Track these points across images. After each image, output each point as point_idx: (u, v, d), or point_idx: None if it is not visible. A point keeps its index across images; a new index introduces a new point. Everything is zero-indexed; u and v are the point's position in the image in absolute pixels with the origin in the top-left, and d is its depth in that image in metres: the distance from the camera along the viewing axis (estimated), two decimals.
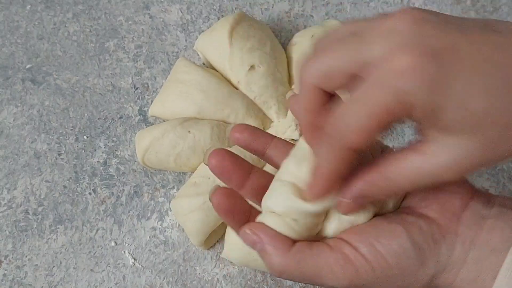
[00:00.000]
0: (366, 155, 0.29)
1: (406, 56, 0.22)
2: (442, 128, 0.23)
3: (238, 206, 0.30)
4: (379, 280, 0.27)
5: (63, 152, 0.52)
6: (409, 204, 0.30)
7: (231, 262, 0.46)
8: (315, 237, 0.29)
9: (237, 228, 0.30)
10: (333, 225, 0.29)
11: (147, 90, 0.54)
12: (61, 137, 0.52)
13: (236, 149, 0.34)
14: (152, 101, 0.53)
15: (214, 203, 0.30)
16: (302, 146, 0.29)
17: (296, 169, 0.29)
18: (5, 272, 0.47)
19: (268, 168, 0.35)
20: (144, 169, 0.51)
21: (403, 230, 0.28)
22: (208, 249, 0.48)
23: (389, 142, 0.52)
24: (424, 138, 0.25)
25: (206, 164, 0.31)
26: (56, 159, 0.51)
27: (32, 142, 0.52)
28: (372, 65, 0.23)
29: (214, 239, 0.48)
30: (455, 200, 0.29)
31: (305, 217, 0.28)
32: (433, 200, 0.30)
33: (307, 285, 0.47)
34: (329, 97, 0.26)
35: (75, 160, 0.51)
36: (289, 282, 0.47)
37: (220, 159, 0.30)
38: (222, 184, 0.45)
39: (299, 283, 0.47)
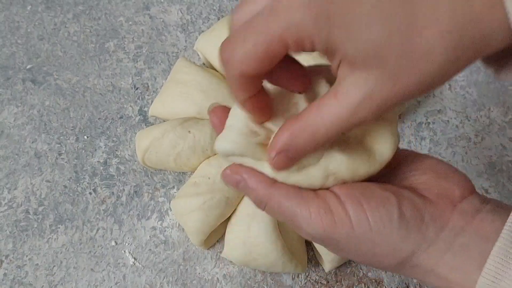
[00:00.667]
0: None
1: None
2: (348, 64, 0.23)
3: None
4: (356, 241, 0.27)
5: (63, 152, 0.52)
6: (410, 184, 0.31)
7: (231, 261, 0.47)
8: None
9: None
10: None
11: (147, 90, 0.55)
12: (61, 137, 0.52)
13: None
14: (152, 101, 0.53)
15: (212, 121, 0.30)
16: None
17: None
18: (6, 271, 0.47)
19: None
20: (144, 169, 0.51)
21: (395, 200, 0.28)
22: (208, 249, 0.48)
23: None
24: (337, 79, 0.25)
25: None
26: (57, 159, 0.51)
27: (32, 142, 0.52)
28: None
29: (214, 238, 0.48)
30: (455, 190, 0.30)
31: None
32: (435, 185, 0.30)
33: (308, 286, 0.47)
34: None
35: (76, 160, 0.51)
36: (289, 282, 0.47)
37: (220, 114, 0.31)
38: (223, 187, 0.45)
39: (299, 284, 0.47)
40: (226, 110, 0.30)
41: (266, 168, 0.28)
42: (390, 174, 0.31)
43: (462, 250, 0.28)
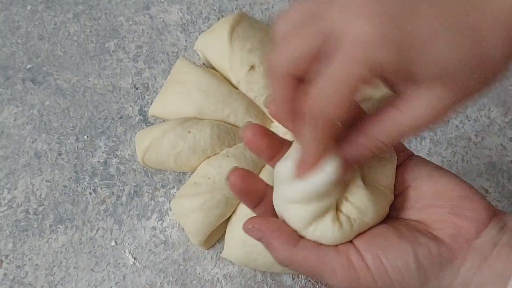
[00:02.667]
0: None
1: (367, 25, 0.23)
2: (415, 82, 0.25)
3: (254, 187, 0.30)
4: None
5: (63, 152, 0.52)
6: (424, 219, 0.30)
7: (231, 261, 0.47)
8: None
9: (252, 207, 0.31)
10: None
11: (147, 90, 0.55)
12: (61, 137, 0.52)
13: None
14: (152, 101, 0.53)
15: (230, 183, 0.30)
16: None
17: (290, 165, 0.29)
18: (6, 271, 0.47)
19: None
20: (144, 169, 0.51)
21: (412, 249, 0.28)
22: (208, 249, 0.48)
23: None
24: (399, 94, 0.26)
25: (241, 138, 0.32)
26: (57, 159, 0.51)
27: (32, 142, 0.52)
28: (336, 41, 0.24)
29: (214, 238, 0.48)
30: (471, 227, 0.29)
31: (311, 197, 0.28)
32: (449, 223, 0.30)
33: (308, 286, 0.47)
34: (299, 82, 0.27)
35: (76, 160, 0.51)
36: (289, 282, 0.47)
37: (255, 133, 0.31)
38: (223, 187, 0.45)
39: (299, 284, 0.47)
40: (262, 127, 0.31)
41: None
42: (403, 200, 0.32)
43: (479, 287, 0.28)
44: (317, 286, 0.47)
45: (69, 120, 0.53)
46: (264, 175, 0.45)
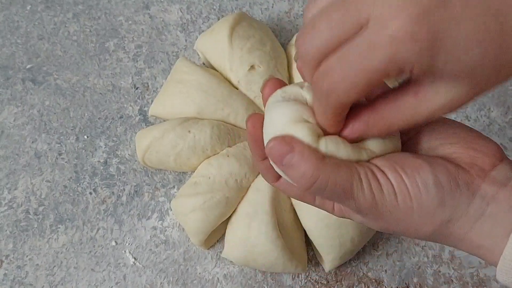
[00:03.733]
0: None
1: (397, 19, 0.22)
2: (436, 75, 0.25)
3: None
4: (397, 210, 0.28)
5: (63, 152, 0.52)
6: (440, 154, 0.31)
7: (232, 261, 0.47)
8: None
9: (258, 160, 0.31)
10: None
11: (147, 90, 0.55)
12: (61, 137, 0.52)
13: None
14: (152, 101, 0.53)
15: (248, 126, 0.30)
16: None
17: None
18: (6, 271, 0.47)
19: None
20: (145, 168, 0.51)
21: (429, 166, 0.28)
22: (208, 249, 0.48)
23: None
24: (417, 81, 0.26)
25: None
26: (57, 159, 0.51)
27: (32, 142, 0.52)
28: (366, 28, 0.23)
29: (214, 238, 0.48)
30: (485, 159, 0.30)
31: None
32: (465, 155, 0.30)
33: (308, 286, 0.47)
34: None
35: (76, 160, 0.51)
36: (289, 282, 0.47)
37: (256, 125, 0.31)
38: (223, 187, 0.45)
39: (299, 284, 0.47)
40: (262, 117, 0.31)
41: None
42: (415, 143, 0.32)
43: (492, 218, 0.28)
44: (317, 286, 0.47)
45: (69, 120, 0.53)
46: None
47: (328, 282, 0.48)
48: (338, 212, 0.32)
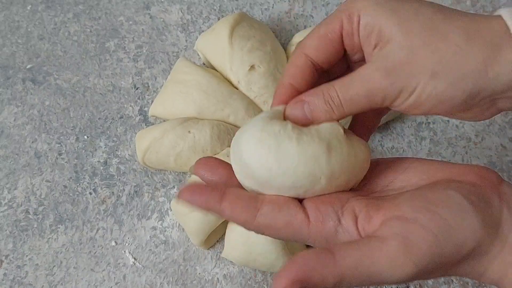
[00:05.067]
0: None
1: None
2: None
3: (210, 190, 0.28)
4: (444, 249, 0.25)
5: (63, 152, 0.52)
6: (443, 177, 0.29)
7: (231, 261, 0.47)
8: None
9: (217, 205, 0.28)
10: None
11: (147, 90, 0.55)
12: (61, 137, 0.52)
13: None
14: (152, 101, 0.53)
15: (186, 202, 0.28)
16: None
17: None
18: (6, 271, 0.47)
19: None
20: (145, 169, 0.51)
21: (455, 190, 0.26)
22: (208, 249, 0.48)
23: (388, 142, 0.52)
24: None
25: (192, 173, 0.32)
26: (57, 159, 0.51)
27: (32, 142, 0.52)
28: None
29: (214, 238, 0.48)
30: (491, 174, 0.29)
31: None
32: (470, 172, 0.29)
33: None
34: (317, 75, 0.31)
35: (76, 160, 0.51)
36: None
37: (206, 160, 0.30)
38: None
39: None
40: (215, 160, 0.30)
41: None
42: (375, 185, 0.31)
43: None
44: None
45: (69, 120, 0.53)
46: None
47: None
48: None
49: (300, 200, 0.28)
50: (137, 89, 0.55)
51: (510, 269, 0.26)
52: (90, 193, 0.50)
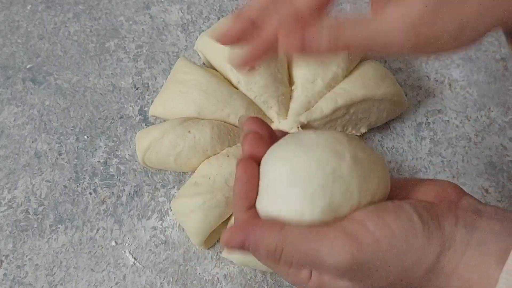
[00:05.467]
0: None
1: None
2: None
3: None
4: (383, 256, 0.27)
5: (63, 152, 0.52)
6: (405, 197, 0.31)
7: (232, 261, 0.47)
8: None
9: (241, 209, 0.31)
10: None
11: (147, 90, 0.55)
12: (61, 137, 0.52)
13: None
14: (152, 101, 0.53)
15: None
16: None
17: None
18: (6, 271, 0.47)
19: None
20: (145, 169, 0.51)
21: (409, 205, 0.28)
22: (208, 249, 0.48)
23: (388, 142, 0.52)
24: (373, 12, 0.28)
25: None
26: (57, 159, 0.51)
27: (32, 142, 0.52)
28: None
29: (214, 238, 0.48)
30: (451, 191, 0.30)
31: None
32: (430, 190, 0.30)
33: None
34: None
35: (76, 160, 0.51)
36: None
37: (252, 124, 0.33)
38: (223, 187, 0.45)
39: None
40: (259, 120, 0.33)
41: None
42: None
43: (479, 246, 0.27)
44: None
45: (69, 120, 0.53)
46: None
47: None
48: (313, 283, 0.30)
49: None
50: (137, 89, 0.55)
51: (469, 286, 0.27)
52: (90, 193, 0.50)
